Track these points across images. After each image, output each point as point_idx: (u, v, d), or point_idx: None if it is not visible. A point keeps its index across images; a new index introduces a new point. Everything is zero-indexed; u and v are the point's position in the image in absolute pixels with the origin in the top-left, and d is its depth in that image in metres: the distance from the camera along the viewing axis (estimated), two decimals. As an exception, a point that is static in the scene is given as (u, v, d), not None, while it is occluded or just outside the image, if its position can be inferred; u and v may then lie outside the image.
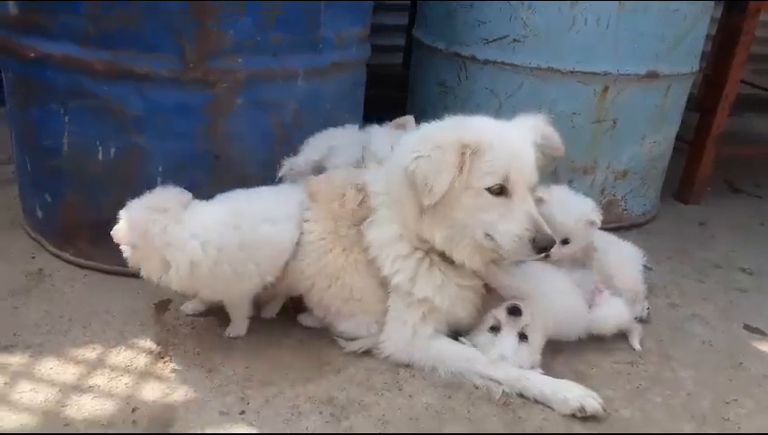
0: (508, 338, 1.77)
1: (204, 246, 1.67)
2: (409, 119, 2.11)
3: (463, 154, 1.62)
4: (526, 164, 1.70)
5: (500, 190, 1.66)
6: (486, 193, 1.65)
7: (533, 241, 1.63)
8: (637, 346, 1.99)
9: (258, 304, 1.91)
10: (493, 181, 1.64)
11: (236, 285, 1.74)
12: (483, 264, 1.77)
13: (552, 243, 1.66)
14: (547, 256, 1.75)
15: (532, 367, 1.77)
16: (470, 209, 1.67)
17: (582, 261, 2.07)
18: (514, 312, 1.78)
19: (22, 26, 1.94)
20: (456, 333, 1.86)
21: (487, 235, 1.68)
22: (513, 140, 1.72)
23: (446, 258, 1.77)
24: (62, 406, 1.57)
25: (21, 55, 1.96)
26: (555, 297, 1.89)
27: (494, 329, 1.79)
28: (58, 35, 1.89)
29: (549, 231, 1.66)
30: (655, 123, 2.70)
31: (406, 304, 1.80)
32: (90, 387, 1.64)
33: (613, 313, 1.99)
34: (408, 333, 1.80)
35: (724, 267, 2.58)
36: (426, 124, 1.82)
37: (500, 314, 1.79)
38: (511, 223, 1.65)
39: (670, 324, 2.13)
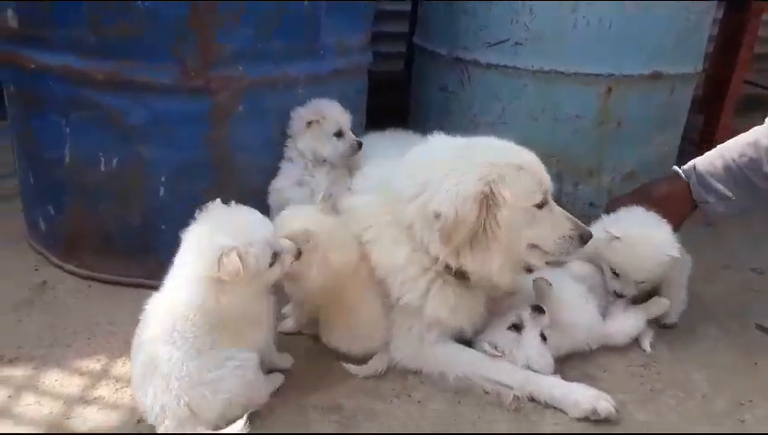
0: (533, 337, 1.75)
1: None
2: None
3: (483, 200, 1.62)
4: (547, 174, 1.74)
5: (544, 202, 1.70)
6: (535, 209, 1.68)
7: (581, 236, 1.73)
8: (648, 349, 1.96)
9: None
10: (540, 197, 1.69)
11: None
12: (518, 279, 1.78)
13: (591, 234, 1.75)
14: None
15: (555, 373, 1.74)
16: (517, 229, 1.67)
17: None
18: (539, 310, 1.77)
19: (22, 38, 1.94)
20: (463, 338, 1.83)
21: (532, 246, 1.71)
22: (527, 153, 1.74)
23: (459, 277, 1.73)
24: (67, 418, 1.56)
25: (21, 67, 1.96)
26: (570, 307, 1.87)
27: (516, 327, 1.77)
28: (58, 46, 1.88)
29: (584, 225, 1.76)
30: (660, 124, 2.68)
31: (411, 313, 1.76)
32: (94, 398, 1.62)
33: (629, 325, 1.96)
34: (414, 340, 1.77)
35: (734, 268, 2.55)
36: (436, 148, 1.78)
37: (524, 312, 1.77)
38: (560, 228, 1.72)
39: (682, 326, 2.10)
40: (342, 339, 1.82)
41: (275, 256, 1.53)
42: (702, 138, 3.19)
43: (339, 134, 2.09)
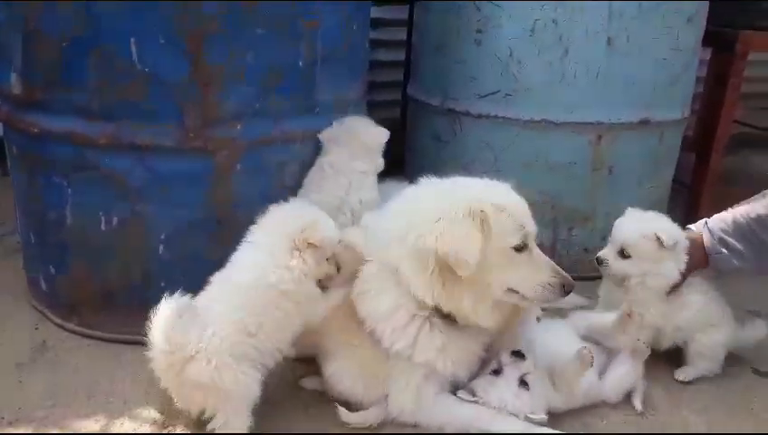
0: (509, 380, 1.75)
1: None
2: None
3: (482, 221, 1.63)
4: (531, 218, 1.73)
5: (523, 246, 1.68)
6: (512, 251, 1.67)
7: (563, 286, 1.69)
8: (638, 407, 1.92)
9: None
10: (519, 239, 1.67)
11: None
12: (502, 321, 1.76)
13: (573, 284, 1.71)
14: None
15: (532, 412, 1.72)
16: (498, 270, 1.66)
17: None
18: (518, 354, 1.77)
19: (24, 103, 2.00)
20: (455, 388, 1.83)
21: (510, 290, 1.69)
22: (515, 196, 1.75)
23: (448, 320, 1.73)
24: (67, 484, 1.56)
25: (24, 131, 2.01)
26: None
27: (496, 372, 1.78)
28: (60, 110, 1.93)
29: (567, 275, 1.72)
30: (651, 169, 2.73)
31: (407, 365, 1.77)
32: (94, 462, 1.63)
33: (625, 381, 1.95)
34: (411, 395, 1.77)
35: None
36: (421, 190, 1.81)
37: (503, 356, 1.78)
38: (539, 274, 1.69)
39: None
40: (347, 375, 1.80)
41: (333, 256, 1.72)
42: (693, 179, 3.23)
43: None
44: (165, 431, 1.74)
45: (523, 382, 1.76)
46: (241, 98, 1.95)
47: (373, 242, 1.80)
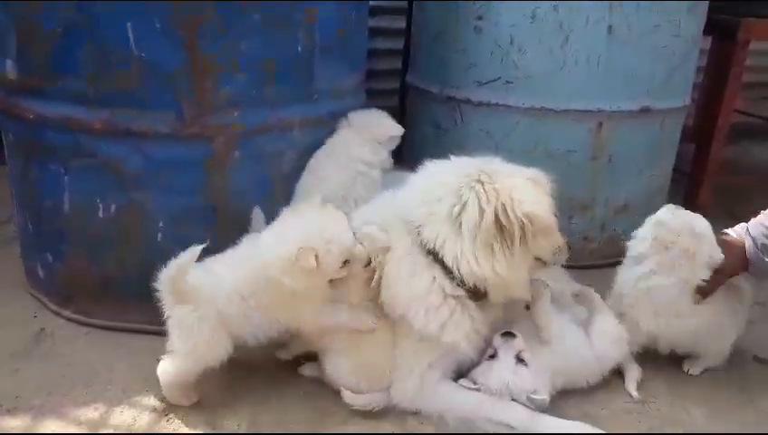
0: (505, 360, 1.75)
1: None
2: None
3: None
4: None
5: None
6: None
7: (568, 246, 1.84)
8: (634, 393, 1.92)
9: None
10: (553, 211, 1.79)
11: None
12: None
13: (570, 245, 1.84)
14: None
15: (535, 390, 1.72)
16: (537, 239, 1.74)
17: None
18: (508, 334, 1.79)
19: (21, 89, 1.98)
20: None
21: (537, 258, 1.77)
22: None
23: (480, 297, 1.75)
24: (65, 473, 1.56)
25: (20, 117, 1.99)
26: (566, 340, 1.88)
27: (492, 357, 1.78)
28: (56, 97, 1.92)
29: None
30: (651, 157, 2.72)
31: (414, 350, 1.77)
32: (92, 449, 1.62)
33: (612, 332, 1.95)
34: (415, 382, 1.77)
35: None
36: (449, 171, 1.81)
37: (495, 340, 1.79)
38: (556, 238, 1.80)
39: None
40: (350, 372, 1.79)
41: (347, 262, 1.70)
42: (693, 168, 3.22)
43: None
44: (164, 419, 1.73)
45: (519, 360, 1.76)
46: (238, 85, 1.93)
47: (398, 228, 1.79)
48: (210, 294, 1.69)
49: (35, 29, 1.88)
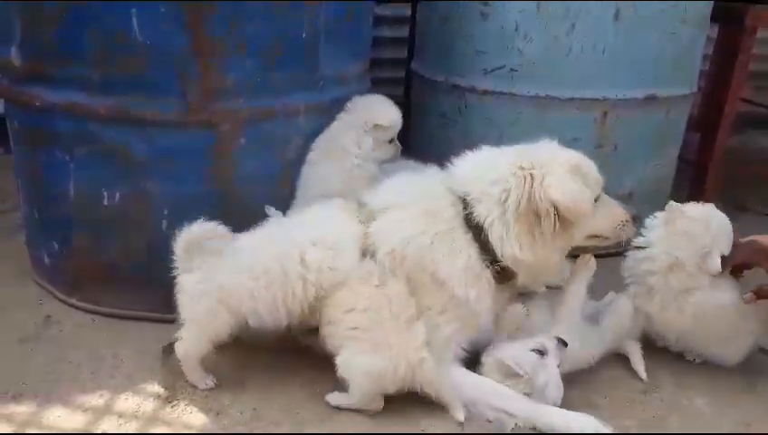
0: (552, 365, 1.75)
1: None
2: None
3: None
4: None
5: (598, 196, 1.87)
6: (594, 201, 1.84)
7: (633, 218, 1.93)
8: (643, 375, 1.94)
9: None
10: (599, 191, 1.88)
11: None
12: None
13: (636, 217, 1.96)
14: None
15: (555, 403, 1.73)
16: (588, 218, 1.81)
17: None
18: (563, 343, 1.78)
19: (25, 76, 1.97)
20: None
21: (590, 236, 1.88)
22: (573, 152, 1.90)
23: (509, 278, 1.83)
24: (71, 457, 1.56)
25: (26, 104, 1.99)
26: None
27: (541, 353, 1.76)
28: (62, 83, 1.91)
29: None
30: (656, 146, 2.71)
31: (434, 323, 1.79)
32: (97, 435, 1.63)
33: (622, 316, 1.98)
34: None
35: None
36: (495, 156, 1.89)
37: (548, 341, 1.78)
38: (616, 215, 1.91)
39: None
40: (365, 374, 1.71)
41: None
42: (699, 157, 3.20)
43: (391, 140, 2.21)
44: (169, 406, 1.74)
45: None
46: (243, 71, 1.93)
47: (443, 198, 1.84)
48: (216, 268, 1.73)
49: (39, 15, 1.87)
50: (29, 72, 1.96)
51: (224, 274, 1.73)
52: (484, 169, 1.84)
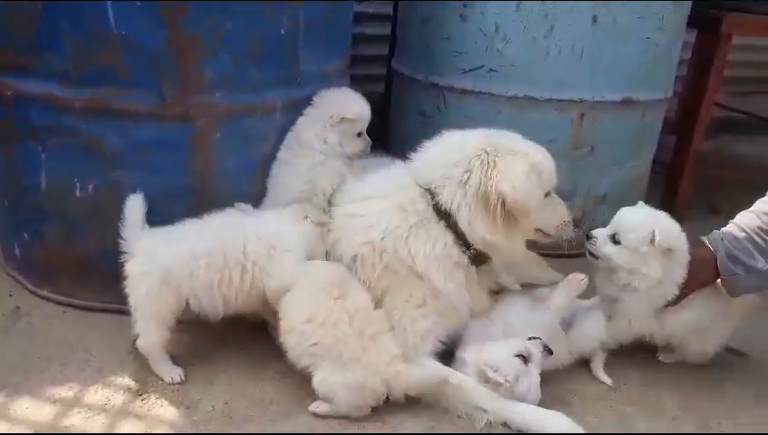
0: (536, 374, 1.76)
1: None
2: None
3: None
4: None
5: (548, 192, 1.90)
6: (544, 197, 1.88)
7: (575, 220, 1.98)
8: (605, 380, 1.95)
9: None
10: (550, 186, 1.90)
11: None
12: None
13: (576, 220, 2.00)
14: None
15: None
16: (536, 211, 1.84)
17: None
18: (549, 351, 1.79)
19: None
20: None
21: (538, 230, 1.92)
22: (536, 144, 1.93)
23: (482, 262, 1.88)
24: (38, 447, 1.55)
25: (-1, 94, 1.97)
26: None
27: (525, 359, 1.75)
28: (37, 74, 1.89)
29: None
30: (632, 148, 2.74)
31: (411, 316, 1.82)
32: (65, 427, 1.61)
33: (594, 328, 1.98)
34: (408, 347, 1.80)
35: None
36: (460, 141, 1.89)
37: (533, 348, 1.77)
38: (559, 215, 1.95)
39: (652, 348, 2.12)
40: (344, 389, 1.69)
41: None
42: (674, 160, 3.25)
43: (359, 134, 2.14)
44: (139, 399, 1.73)
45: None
46: (220, 66, 1.92)
47: (404, 196, 1.87)
48: (159, 249, 1.77)
49: (14, 6, 1.84)
50: (3, 63, 1.93)
51: (166, 254, 1.76)
52: (447, 152, 1.86)
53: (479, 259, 1.87)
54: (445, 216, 1.82)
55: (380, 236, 1.84)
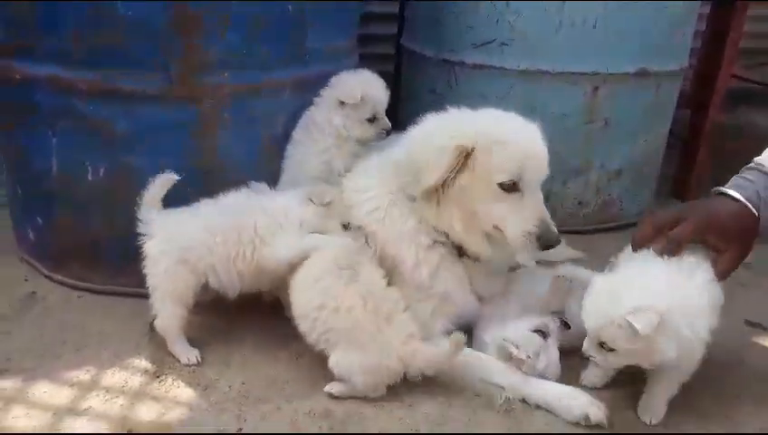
0: (555, 349, 1.74)
1: None
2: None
3: (460, 154, 1.68)
4: (541, 162, 1.75)
5: (512, 187, 1.69)
6: (498, 188, 1.69)
7: (539, 238, 1.68)
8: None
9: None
10: (505, 178, 1.69)
11: None
12: (499, 255, 1.82)
13: (557, 241, 1.71)
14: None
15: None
16: (481, 203, 1.71)
17: None
18: (567, 326, 1.77)
19: (7, 49, 1.93)
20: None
21: (495, 227, 1.73)
22: (529, 136, 1.76)
23: (464, 254, 1.81)
24: (57, 429, 1.55)
25: (6, 78, 1.95)
26: None
27: (544, 335, 1.73)
28: (43, 57, 1.88)
29: (555, 229, 1.71)
30: (647, 121, 2.69)
31: (417, 299, 1.79)
32: (84, 410, 1.62)
33: None
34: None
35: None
36: (440, 119, 1.86)
37: (551, 322, 1.76)
38: (520, 219, 1.69)
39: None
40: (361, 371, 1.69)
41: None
42: (690, 133, 3.19)
43: (372, 119, 2.06)
44: (156, 381, 1.73)
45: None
46: (227, 45, 1.89)
47: (384, 172, 1.88)
48: (176, 229, 1.79)
49: (19, -13, 1.83)
50: (9, 45, 1.92)
51: (184, 232, 1.78)
52: (417, 141, 1.83)
53: (460, 250, 1.81)
54: (412, 198, 1.81)
55: (367, 219, 1.86)
